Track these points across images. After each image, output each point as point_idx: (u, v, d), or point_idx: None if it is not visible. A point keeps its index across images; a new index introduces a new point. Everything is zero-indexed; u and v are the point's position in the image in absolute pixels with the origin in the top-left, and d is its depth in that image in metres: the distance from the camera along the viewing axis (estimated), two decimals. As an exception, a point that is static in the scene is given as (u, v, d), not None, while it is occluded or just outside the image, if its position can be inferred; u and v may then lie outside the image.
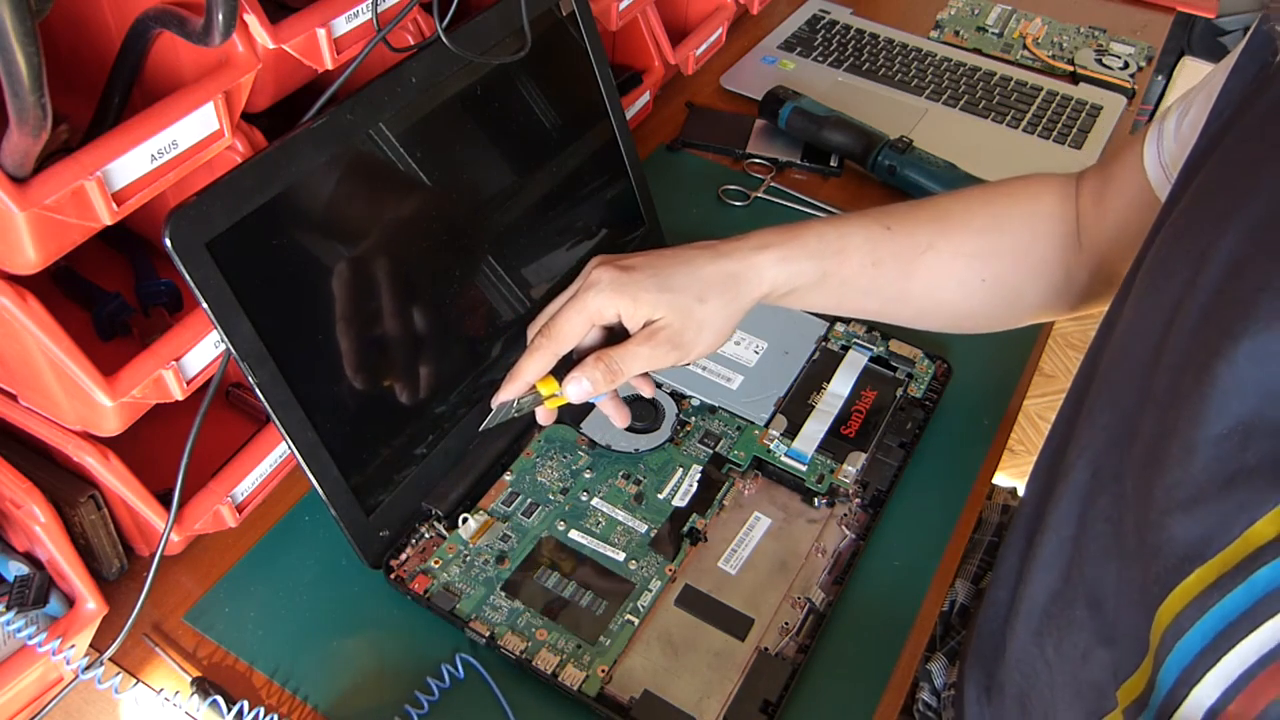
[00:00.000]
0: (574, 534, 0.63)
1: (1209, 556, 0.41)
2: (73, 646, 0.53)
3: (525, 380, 0.59)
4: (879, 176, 0.94)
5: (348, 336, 0.58)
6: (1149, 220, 0.55)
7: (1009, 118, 1.05)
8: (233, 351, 0.51)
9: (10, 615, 0.52)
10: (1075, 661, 0.51)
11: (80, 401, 0.51)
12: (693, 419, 0.70)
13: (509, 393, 0.59)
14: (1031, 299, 0.67)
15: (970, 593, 0.78)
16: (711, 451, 0.68)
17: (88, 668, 0.55)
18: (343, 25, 0.54)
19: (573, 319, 0.58)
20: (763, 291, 0.61)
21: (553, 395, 0.59)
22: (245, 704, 0.54)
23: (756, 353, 0.75)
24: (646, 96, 0.97)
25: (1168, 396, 0.44)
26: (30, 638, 0.51)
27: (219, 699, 0.55)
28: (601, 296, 0.58)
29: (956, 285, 0.66)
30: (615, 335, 0.60)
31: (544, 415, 0.62)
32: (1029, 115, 1.05)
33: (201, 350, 0.54)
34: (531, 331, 0.61)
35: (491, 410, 0.59)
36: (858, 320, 0.77)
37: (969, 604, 0.77)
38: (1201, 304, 0.44)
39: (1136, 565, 0.45)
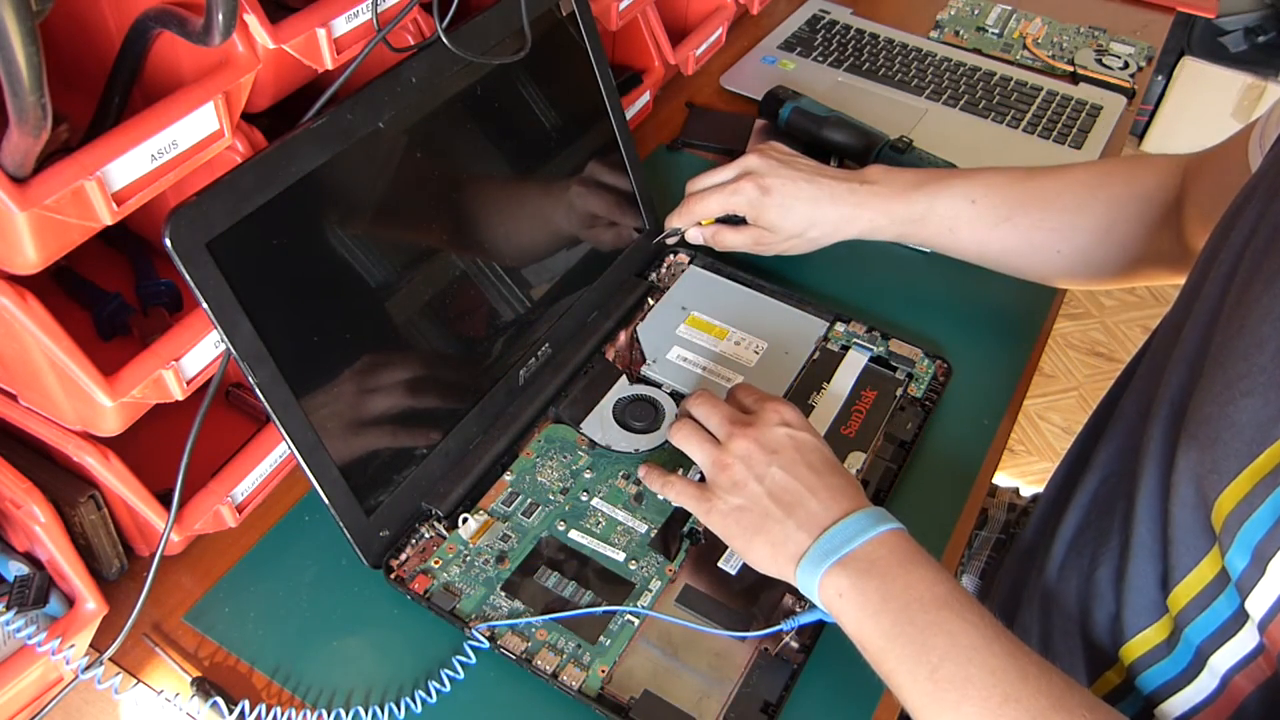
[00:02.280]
0: (574, 534, 0.63)
1: (1275, 439, 0.43)
2: (72, 646, 0.53)
3: (676, 227, 0.80)
4: (879, 176, 0.94)
5: (347, 336, 0.58)
6: None
7: (1009, 118, 1.05)
8: (233, 351, 0.51)
9: (10, 615, 0.52)
10: (1106, 587, 0.55)
11: (80, 401, 0.51)
12: (693, 419, 0.70)
13: (678, 223, 0.80)
14: (1109, 265, 0.75)
15: (979, 588, 0.78)
16: (711, 451, 0.68)
17: (87, 668, 0.55)
18: (343, 25, 0.54)
19: (714, 204, 0.78)
20: (849, 236, 0.78)
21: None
22: (246, 704, 0.54)
23: (756, 353, 0.75)
24: (646, 96, 0.97)
25: (1236, 307, 0.48)
26: (30, 638, 0.51)
27: (219, 699, 0.55)
28: (741, 201, 0.77)
29: (1030, 251, 0.76)
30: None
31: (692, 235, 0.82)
32: (1029, 115, 1.05)
33: (201, 350, 0.54)
34: (690, 188, 0.80)
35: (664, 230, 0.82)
36: (858, 320, 0.78)
37: (977, 599, 0.78)
38: (1274, 223, 0.47)
39: (1190, 461, 0.48)
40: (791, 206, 0.75)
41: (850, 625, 0.52)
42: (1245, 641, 0.48)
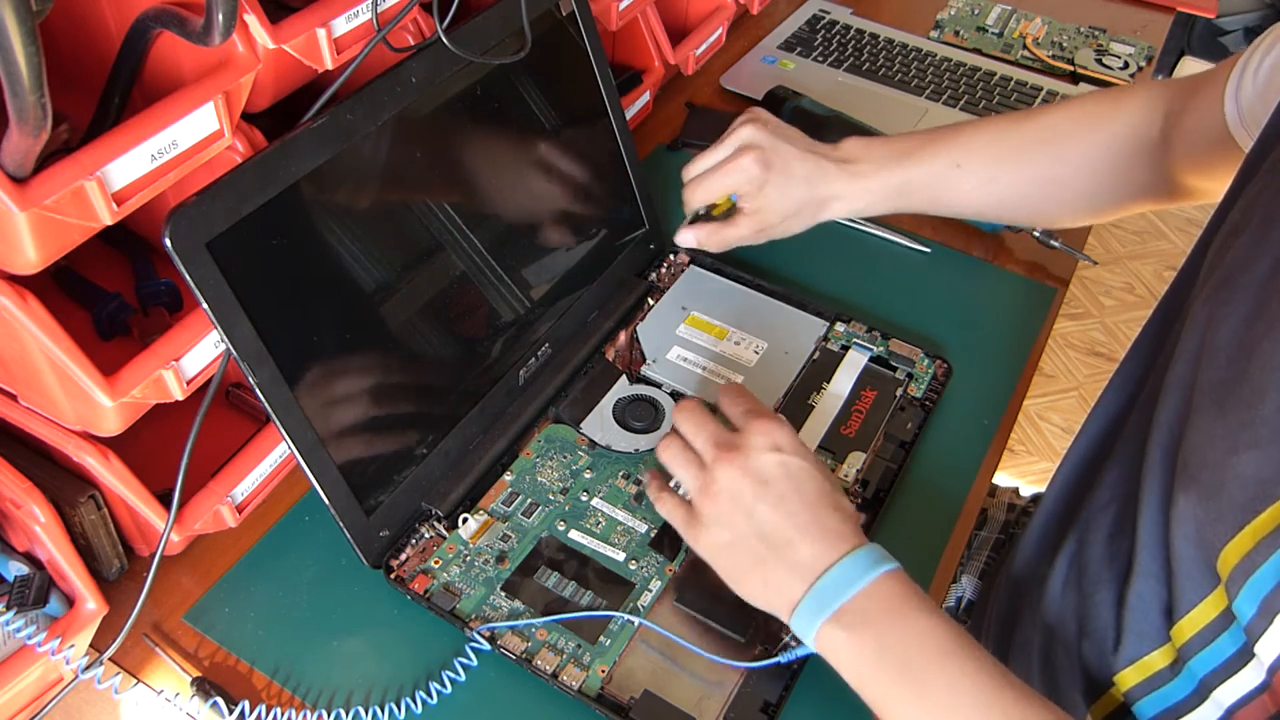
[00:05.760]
0: (574, 534, 0.63)
1: (1278, 497, 0.43)
2: (73, 646, 0.53)
3: (689, 210, 0.76)
4: (879, 176, 0.94)
5: (347, 336, 0.58)
6: (1216, 151, 0.61)
7: (1009, 118, 1.05)
8: (233, 351, 0.51)
9: (10, 615, 0.52)
10: (1108, 609, 0.54)
11: (80, 401, 0.51)
12: (693, 419, 0.70)
13: (687, 210, 0.76)
14: (1095, 206, 0.75)
15: (978, 589, 0.78)
16: (711, 451, 0.68)
17: (88, 668, 0.55)
18: (343, 25, 0.54)
19: (715, 185, 0.74)
20: (836, 217, 0.76)
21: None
22: (246, 704, 0.54)
23: (756, 353, 0.75)
24: (646, 96, 0.97)
25: (1238, 349, 0.46)
26: (30, 637, 0.51)
27: (219, 699, 0.55)
28: (741, 178, 0.73)
29: (1015, 201, 0.76)
30: None
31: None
32: (1029, 115, 1.05)
33: (201, 350, 0.54)
34: (687, 174, 0.75)
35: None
36: (858, 320, 0.78)
37: (977, 600, 0.77)
38: (1276, 256, 0.46)
39: (1191, 503, 0.47)
40: (789, 185, 0.73)
41: (848, 676, 0.51)
42: (1250, 677, 0.47)
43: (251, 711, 0.54)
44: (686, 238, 0.76)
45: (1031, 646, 0.62)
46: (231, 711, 0.54)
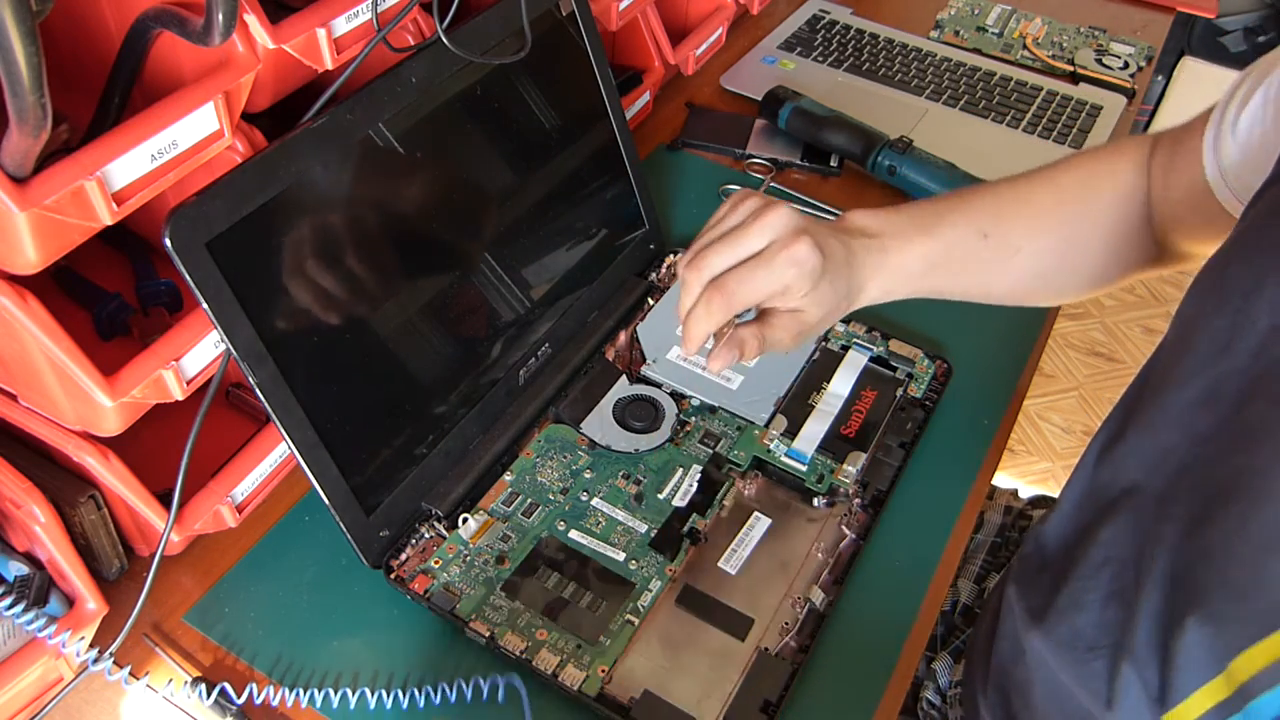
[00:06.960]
0: (574, 534, 0.63)
1: None
2: (82, 638, 0.53)
3: (698, 340, 0.56)
4: (879, 176, 0.94)
5: (348, 336, 0.58)
6: (1201, 208, 0.57)
7: (1009, 118, 1.05)
8: (233, 351, 0.51)
9: (19, 609, 0.51)
10: (1100, 681, 0.51)
11: (80, 401, 0.51)
12: (693, 419, 0.70)
13: (689, 350, 0.56)
14: (1104, 273, 0.68)
15: (973, 593, 0.78)
16: (711, 451, 0.68)
17: (97, 660, 0.55)
18: (343, 25, 0.54)
19: (760, 285, 0.55)
20: (863, 304, 0.63)
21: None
22: (245, 704, 0.54)
23: (756, 353, 0.75)
24: (646, 96, 0.97)
25: (1257, 430, 0.44)
26: (40, 630, 0.51)
27: (219, 699, 0.55)
28: (792, 274, 0.55)
29: (1037, 277, 0.67)
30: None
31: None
32: (1029, 115, 1.05)
33: (201, 350, 0.54)
34: (688, 271, 0.56)
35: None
36: (858, 320, 0.77)
37: (972, 604, 0.77)
38: None
39: (1211, 602, 0.44)
40: (836, 273, 0.59)
41: None
42: None
43: (250, 711, 0.54)
44: (722, 360, 0.57)
45: (1031, 690, 0.60)
46: (231, 711, 0.54)
